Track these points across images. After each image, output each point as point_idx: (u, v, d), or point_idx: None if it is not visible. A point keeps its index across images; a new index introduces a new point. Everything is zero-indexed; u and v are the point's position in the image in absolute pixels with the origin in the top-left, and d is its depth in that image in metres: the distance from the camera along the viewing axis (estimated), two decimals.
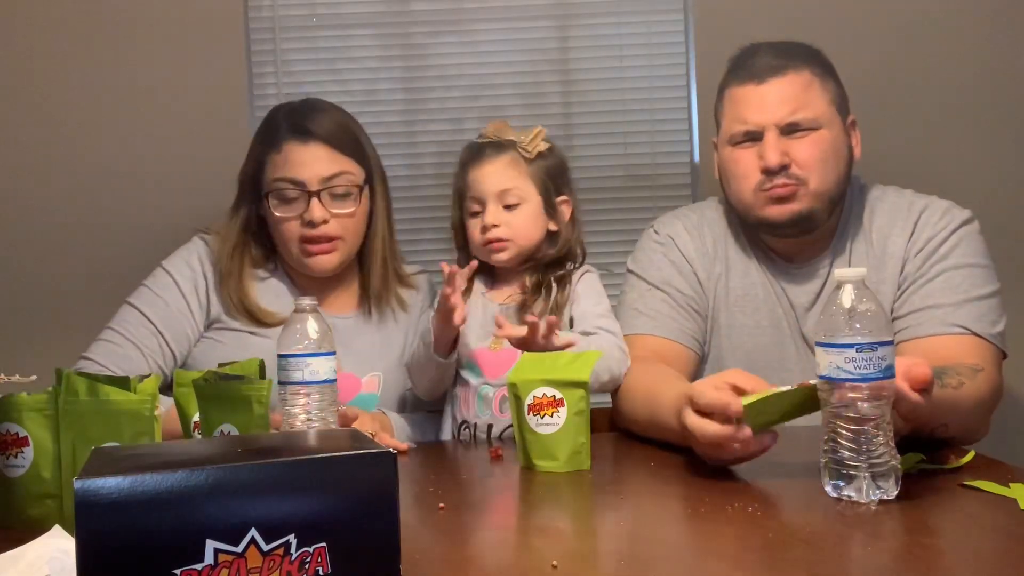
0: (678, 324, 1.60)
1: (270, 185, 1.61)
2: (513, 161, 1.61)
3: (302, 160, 1.59)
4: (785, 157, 1.50)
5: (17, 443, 1.09)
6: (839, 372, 1.01)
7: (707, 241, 1.65)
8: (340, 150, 1.61)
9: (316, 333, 1.25)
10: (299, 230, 1.60)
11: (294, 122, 1.61)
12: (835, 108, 1.55)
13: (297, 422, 1.24)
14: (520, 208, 1.60)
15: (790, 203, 1.52)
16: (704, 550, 0.94)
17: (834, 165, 1.53)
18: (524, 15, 2.18)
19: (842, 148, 1.55)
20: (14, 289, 2.08)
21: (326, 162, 1.60)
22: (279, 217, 1.61)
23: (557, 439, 1.26)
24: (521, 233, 1.61)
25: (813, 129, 1.51)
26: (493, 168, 1.61)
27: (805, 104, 1.51)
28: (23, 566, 0.84)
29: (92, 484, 0.65)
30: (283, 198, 1.60)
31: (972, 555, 0.85)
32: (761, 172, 1.52)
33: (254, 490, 0.68)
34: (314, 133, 1.60)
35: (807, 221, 1.53)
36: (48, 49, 2.09)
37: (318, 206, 1.58)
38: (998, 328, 1.47)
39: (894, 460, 1.02)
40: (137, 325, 1.62)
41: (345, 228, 1.62)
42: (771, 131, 1.51)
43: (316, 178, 1.58)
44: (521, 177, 1.61)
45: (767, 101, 1.52)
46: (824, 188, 1.52)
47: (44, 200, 2.09)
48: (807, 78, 1.53)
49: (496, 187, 1.60)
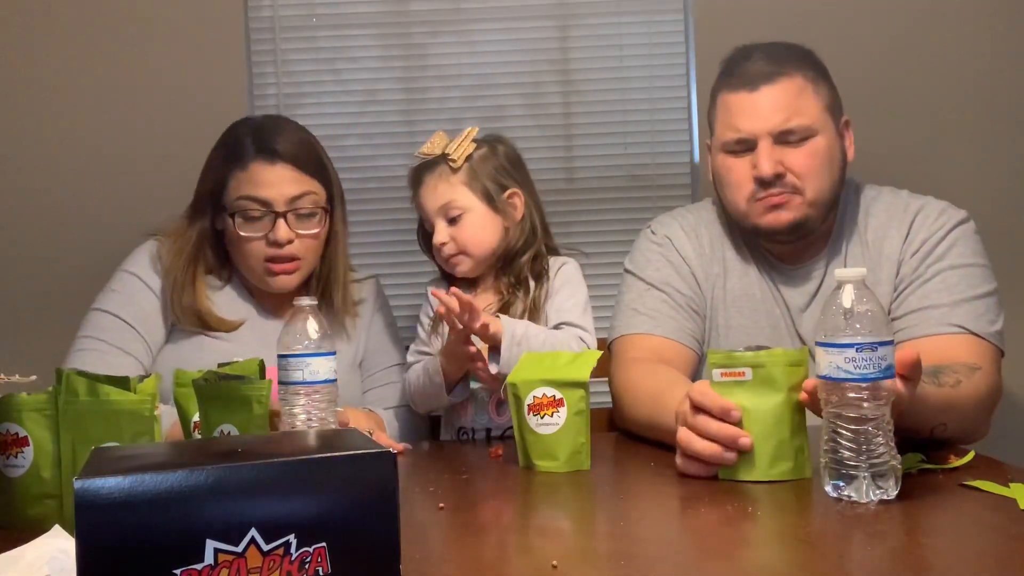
0: (677, 323, 1.60)
1: (234, 204, 1.59)
2: (443, 174, 1.63)
3: (268, 180, 1.58)
4: (779, 166, 1.50)
5: (17, 443, 1.09)
6: (839, 372, 1.01)
7: (704, 242, 1.65)
8: (305, 171, 1.61)
9: (316, 333, 1.25)
10: (264, 250, 1.59)
11: (260, 141, 1.60)
12: (828, 112, 1.54)
13: (297, 422, 1.24)
14: (463, 219, 1.62)
15: (785, 211, 1.51)
16: (704, 550, 0.94)
17: (828, 172, 1.52)
18: (524, 15, 2.18)
19: (836, 153, 1.55)
20: (14, 289, 2.08)
21: (292, 183, 1.59)
22: (243, 236, 1.59)
23: (557, 439, 1.26)
24: (471, 243, 1.62)
25: (807, 137, 1.50)
26: (429, 187, 1.64)
27: (798, 111, 1.50)
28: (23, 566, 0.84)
29: (92, 484, 0.65)
30: (247, 217, 1.58)
31: (972, 555, 0.84)
32: (755, 181, 1.52)
33: (254, 490, 0.68)
34: (280, 153, 1.59)
35: (802, 228, 1.53)
36: (48, 49, 2.10)
37: (284, 227, 1.58)
38: (996, 327, 1.47)
39: (894, 460, 1.02)
40: (118, 330, 1.59)
41: (307, 248, 1.62)
42: (765, 139, 1.50)
43: (283, 199, 1.58)
44: (454, 188, 1.62)
45: (760, 109, 1.51)
46: (819, 196, 1.52)
47: (44, 200, 2.09)
48: (800, 84, 1.51)
49: (434, 204, 1.62)
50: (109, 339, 1.58)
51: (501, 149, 1.68)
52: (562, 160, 2.18)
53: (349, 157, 2.14)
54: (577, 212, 2.16)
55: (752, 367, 1.13)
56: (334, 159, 1.70)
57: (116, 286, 1.64)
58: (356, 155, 2.16)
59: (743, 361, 1.14)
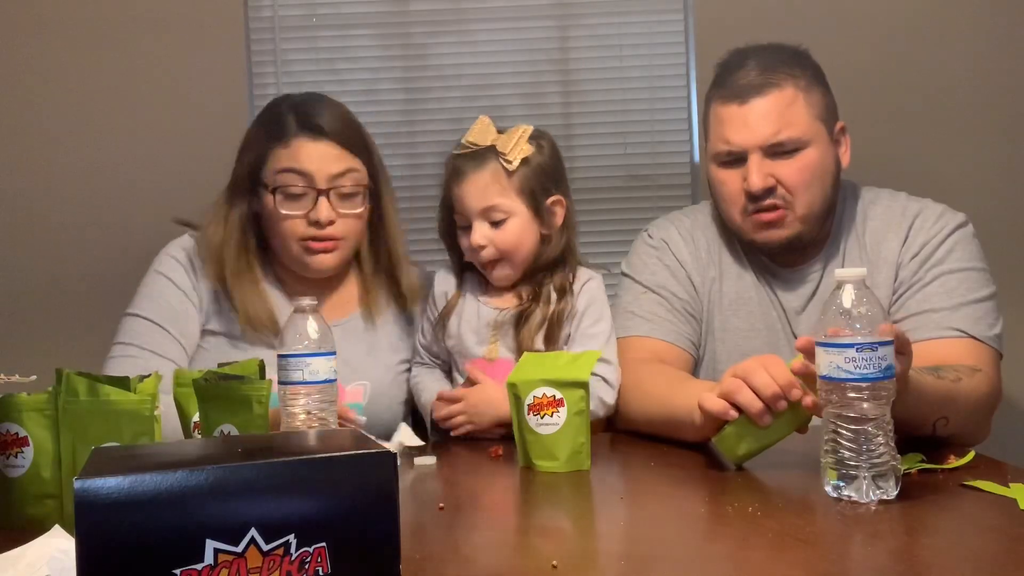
0: (674, 327, 1.60)
1: (275, 179, 1.55)
2: (495, 175, 1.52)
3: (311, 156, 1.53)
4: (770, 179, 1.49)
5: (17, 443, 1.09)
6: (839, 372, 1.01)
7: (700, 246, 1.65)
8: (349, 148, 1.56)
9: (316, 333, 1.25)
10: (304, 229, 1.55)
11: (303, 117, 1.56)
12: (820, 121, 1.52)
13: (297, 422, 1.24)
14: (507, 223, 1.53)
15: (778, 229, 1.52)
16: (704, 550, 0.94)
17: (820, 184, 1.52)
18: (524, 15, 2.18)
19: (829, 163, 1.54)
20: (14, 289, 2.08)
21: (335, 160, 1.54)
22: (284, 215, 1.54)
23: (557, 439, 1.26)
24: (511, 248, 1.54)
25: (798, 149, 1.49)
26: (475, 185, 1.52)
27: (788, 123, 1.48)
28: (23, 566, 0.85)
29: (92, 484, 0.65)
30: (288, 194, 1.54)
31: (972, 555, 0.84)
32: (745, 195, 1.51)
33: (254, 490, 0.68)
34: (324, 129, 1.55)
35: (797, 242, 1.54)
36: (48, 49, 2.10)
37: (326, 206, 1.54)
38: (995, 331, 1.47)
39: (894, 460, 1.02)
40: (152, 334, 1.55)
41: (349, 229, 1.58)
42: (755, 153, 1.49)
43: (325, 175, 1.54)
44: (504, 192, 1.52)
45: (749, 122, 1.49)
46: (811, 209, 1.52)
47: (44, 200, 2.09)
48: (790, 95, 1.49)
49: (479, 205, 1.52)
50: (143, 343, 1.55)
51: (547, 149, 1.57)
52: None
53: None
54: (577, 212, 2.15)
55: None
56: None
57: (147, 288, 1.60)
58: None
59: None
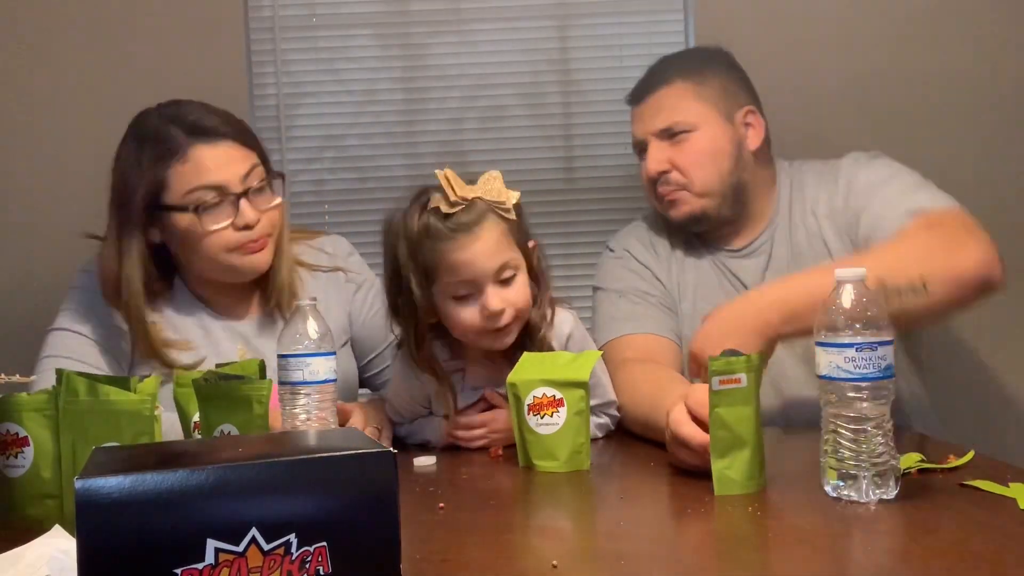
0: (655, 320, 1.65)
1: (187, 198, 1.45)
2: (502, 232, 1.35)
3: (217, 162, 1.45)
4: (665, 164, 1.64)
5: (17, 443, 1.09)
6: (839, 372, 1.01)
7: (658, 248, 1.74)
8: (244, 143, 1.50)
9: (316, 333, 1.26)
10: (233, 237, 1.47)
11: (189, 124, 1.46)
12: (712, 106, 1.64)
13: (297, 422, 1.24)
14: (516, 279, 1.37)
15: (677, 207, 1.65)
16: (704, 550, 0.94)
17: (715, 162, 1.63)
18: (524, 15, 2.18)
19: (723, 144, 1.64)
20: (14, 289, 2.08)
21: (240, 160, 1.48)
22: (210, 230, 1.45)
23: (557, 439, 1.27)
24: (524, 306, 1.38)
25: (687, 131, 1.62)
26: (484, 245, 1.33)
27: (675, 110, 1.64)
28: (23, 566, 0.85)
29: (93, 484, 0.65)
30: (208, 209, 1.45)
31: (972, 555, 0.84)
32: (648, 179, 1.67)
33: (254, 490, 0.68)
34: (219, 131, 1.47)
35: (705, 219, 1.65)
36: (47, 49, 2.09)
37: (248, 208, 1.47)
38: (953, 201, 1.51)
39: (894, 460, 1.02)
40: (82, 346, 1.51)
41: (272, 223, 1.52)
42: (651, 140, 1.66)
43: (236, 178, 1.46)
44: (512, 247, 1.37)
45: (643, 116, 1.69)
46: (709, 187, 1.63)
47: (45, 200, 2.09)
48: (678, 89, 1.65)
49: (492, 266, 1.34)
50: (74, 355, 1.49)
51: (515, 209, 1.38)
52: (562, 160, 2.18)
53: (349, 157, 2.15)
54: (577, 212, 2.17)
55: (746, 372, 1.10)
56: (334, 159, 1.69)
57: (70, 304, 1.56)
58: (356, 155, 2.16)
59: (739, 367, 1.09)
